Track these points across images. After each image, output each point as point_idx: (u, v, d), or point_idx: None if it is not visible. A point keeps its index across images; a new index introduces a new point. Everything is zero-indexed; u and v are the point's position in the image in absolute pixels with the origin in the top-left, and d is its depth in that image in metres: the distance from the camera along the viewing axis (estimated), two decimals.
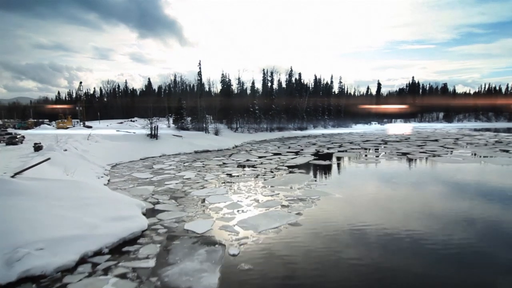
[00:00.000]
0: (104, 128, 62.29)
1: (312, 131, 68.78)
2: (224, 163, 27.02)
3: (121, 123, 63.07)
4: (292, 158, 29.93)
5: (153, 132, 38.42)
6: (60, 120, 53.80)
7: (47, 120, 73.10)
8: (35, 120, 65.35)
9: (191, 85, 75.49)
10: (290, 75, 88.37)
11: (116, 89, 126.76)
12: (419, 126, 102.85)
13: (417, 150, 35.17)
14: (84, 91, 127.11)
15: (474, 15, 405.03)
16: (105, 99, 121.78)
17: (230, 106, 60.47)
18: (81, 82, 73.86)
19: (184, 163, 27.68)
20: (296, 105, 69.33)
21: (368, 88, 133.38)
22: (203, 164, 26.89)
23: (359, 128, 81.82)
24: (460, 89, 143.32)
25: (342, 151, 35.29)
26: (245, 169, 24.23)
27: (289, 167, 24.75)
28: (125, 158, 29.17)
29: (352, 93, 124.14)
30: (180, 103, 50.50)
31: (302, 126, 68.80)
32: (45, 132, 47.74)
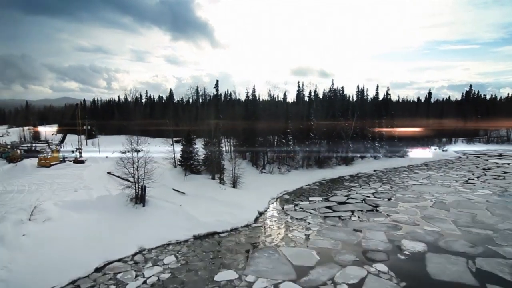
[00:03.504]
0: (100, 157, 51.87)
1: (359, 165, 54.03)
2: None
3: (124, 152, 52.24)
4: (359, 282, 16.37)
5: (139, 192, 26.37)
6: (42, 156, 43.56)
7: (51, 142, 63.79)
8: (30, 146, 56.13)
9: (218, 94, 61.10)
10: (331, 89, 74.36)
11: (138, 98, 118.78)
12: (489, 149, 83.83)
13: None
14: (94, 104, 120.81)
15: None
16: (131, 100, 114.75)
17: (256, 134, 47.53)
18: (77, 104, 62.92)
19: None
20: (341, 132, 54.93)
21: (418, 99, 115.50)
22: None
23: (418, 156, 65.22)
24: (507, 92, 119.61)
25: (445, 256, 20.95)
26: None
27: None
28: (69, 270, 17.13)
29: (396, 99, 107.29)
30: (189, 138, 38.31)
31: (347, 157, 54.23)
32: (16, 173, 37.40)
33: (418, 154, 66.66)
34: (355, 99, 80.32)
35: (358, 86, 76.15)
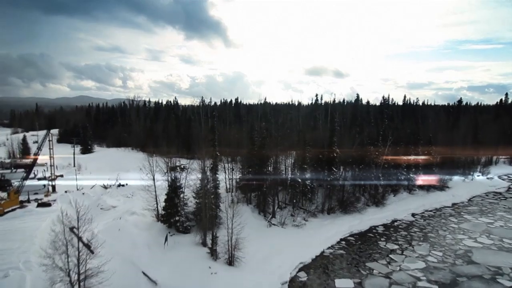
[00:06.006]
0: (80, 186, 43.15)
1: (393, 205, 43.73)
2: None
3: (107, 187, 43.38)
4: None
5: None
6: None
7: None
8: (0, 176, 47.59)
9: (215, 126, 48.25)
10: (357, 99, 64.31)
11: (141, 105, 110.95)
12: None
13: None
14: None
15: None
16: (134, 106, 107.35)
17: (263, 167, 37.86)
18: (50, 133, 45.95)
19: None
20: (370, 163, 44.76)
21: (447, 108, 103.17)
22: None
23: (461, 189, 53.82)
24: None
25: None
26: None
27: None
28: None
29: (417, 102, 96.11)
30: (175, 188, 29.09)
31: (376, 194, 43.95)
32: None
33: (462, 186, 55.48)
34: (378, 104, 69.87)
35: (383, 97, 65.23)
